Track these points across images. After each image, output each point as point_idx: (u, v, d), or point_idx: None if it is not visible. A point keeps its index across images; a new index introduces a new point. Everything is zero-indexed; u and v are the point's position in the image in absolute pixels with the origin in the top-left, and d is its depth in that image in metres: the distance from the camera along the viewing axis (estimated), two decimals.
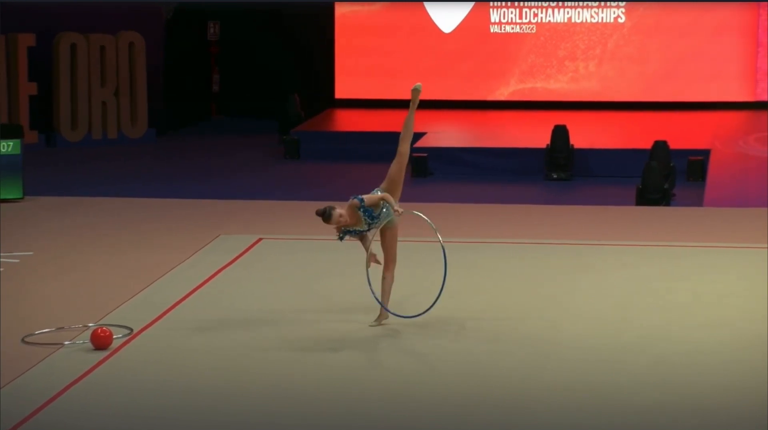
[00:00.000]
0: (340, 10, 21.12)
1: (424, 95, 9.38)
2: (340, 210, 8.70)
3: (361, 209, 8.72)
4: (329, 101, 21.15)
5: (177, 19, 20.98)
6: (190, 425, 7.32)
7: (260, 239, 11.82)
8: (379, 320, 9.04)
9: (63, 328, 8.96)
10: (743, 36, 20.38)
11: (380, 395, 7.75)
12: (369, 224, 8.76)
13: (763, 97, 20.34)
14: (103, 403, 7.60)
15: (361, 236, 8.88)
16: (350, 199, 8.77)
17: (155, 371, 8.20)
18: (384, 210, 8.73)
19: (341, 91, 21.19)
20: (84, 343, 8.60)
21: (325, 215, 8.65)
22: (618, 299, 9.88)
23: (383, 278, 8.95)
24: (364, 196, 8.74)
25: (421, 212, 8.83)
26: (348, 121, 20.33)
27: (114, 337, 8.63)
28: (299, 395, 7.74)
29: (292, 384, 7.94)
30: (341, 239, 8.86)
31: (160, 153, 18.81)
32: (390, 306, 8.97)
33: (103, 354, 8.42)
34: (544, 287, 10.18)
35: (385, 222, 8.79)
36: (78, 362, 8.24)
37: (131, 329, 8.91)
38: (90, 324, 8.99)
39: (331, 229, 8.85)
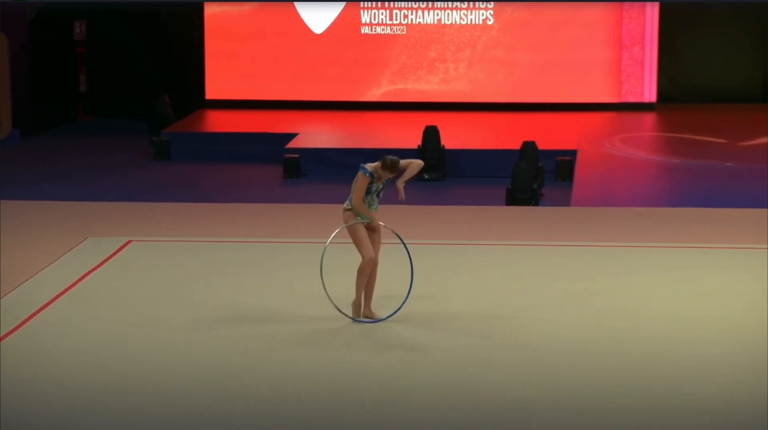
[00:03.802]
0: (209, 10, 20.95)
1: (296, 96, 9.46)
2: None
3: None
4: (200, 102, 20.95)
5: (42, 18, 20.55)
6: (56, 424, 7.21)
7: (130, 241, 11.65)
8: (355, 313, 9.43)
9: None
10: (608, 38, 20.79)
11: (255, 404, 7.72)
12: (380, 188, 9.58)
13: (628, 99, 20.79)
14: None
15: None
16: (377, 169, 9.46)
17: (20, 374, 8.02)
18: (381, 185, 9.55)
19: (212, 92, 21.02)
20: None
21: (394, 163, 9.36)
22: (491, 298, 9.98)
23: (369, 280, 9.41)
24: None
25: (297, 213, 8.97)
26: (219, 122, 20.17)
27: None
28: (171, 393, 7.67)
29: (163, 383, 7.86)
30: (381, 188, 9.55)
31: (25, 155, 18.40)
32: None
33: None
34: (417, 287, 10.22)
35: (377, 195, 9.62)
36: None
37: None
38: None
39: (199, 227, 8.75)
